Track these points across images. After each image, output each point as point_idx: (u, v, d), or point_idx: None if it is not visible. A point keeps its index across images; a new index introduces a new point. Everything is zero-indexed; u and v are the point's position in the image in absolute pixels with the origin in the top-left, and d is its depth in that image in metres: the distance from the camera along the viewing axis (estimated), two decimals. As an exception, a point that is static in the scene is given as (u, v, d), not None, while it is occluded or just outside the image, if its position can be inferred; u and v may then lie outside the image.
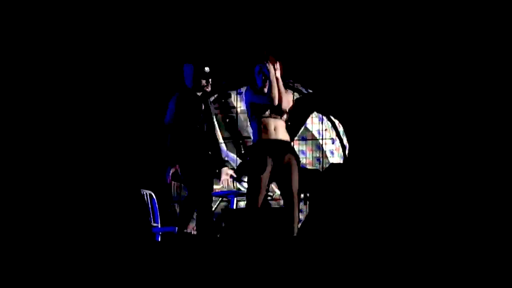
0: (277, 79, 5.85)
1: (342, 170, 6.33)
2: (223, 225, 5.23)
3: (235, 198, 7.25)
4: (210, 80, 6.00)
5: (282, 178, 5.82)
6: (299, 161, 5.90)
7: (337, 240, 5.01)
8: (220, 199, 7.75)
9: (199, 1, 7.98)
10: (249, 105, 5.95)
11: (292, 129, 6.16)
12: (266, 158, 5.75)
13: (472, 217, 6.28)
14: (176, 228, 5.96)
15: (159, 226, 7.21)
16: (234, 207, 7.18)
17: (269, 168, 5.75)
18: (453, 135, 7.22)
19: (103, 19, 7.98)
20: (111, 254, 4.82)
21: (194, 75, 5.95)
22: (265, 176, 5.75)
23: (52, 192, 7.60)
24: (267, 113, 5.87)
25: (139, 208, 6.04)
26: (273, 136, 5.83)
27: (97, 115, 8.01)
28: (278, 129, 5.87)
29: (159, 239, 7.11)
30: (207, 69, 5.97)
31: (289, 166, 5.79)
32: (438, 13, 7.34)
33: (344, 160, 8.33)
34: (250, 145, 5.97)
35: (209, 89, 6.03)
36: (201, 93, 6.00)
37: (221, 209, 7.54)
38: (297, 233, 5.68)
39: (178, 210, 8.41)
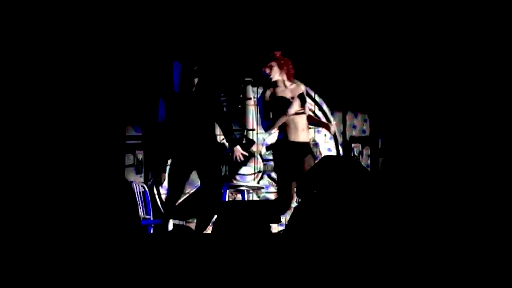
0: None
1: (335, 162, 6.31)
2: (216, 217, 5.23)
3: (228, 191, 7.27)
4: (195, 80, 5.81)
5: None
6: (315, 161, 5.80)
7: (326, 234, 5.01)
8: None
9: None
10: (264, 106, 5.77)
11: None
12: (291, 160, 5.64)
13: (463, 213, 6.30)
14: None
15: (151, 219, 7.21)
16: (226, 199, 7.19)
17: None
18: (442, 129, 7.23)
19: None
20: (102, 247, 4.82)
21: (182, 73, 5.78)
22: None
23: (41, 186, 7.59)
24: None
25: (130, 201, 6.01)
26: (298, 137, 5.69)
27: (86, 108, 8.00)
28: (303, 128, 5.71)
29: (151, 231, 7.13)
30: (195, 68, 5.81)
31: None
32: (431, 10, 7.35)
33: (337, 149, 8.31)
34: (274, 144, 5.83)
35: (194, 89, 5.81)
36: (186, 95, 5.84)
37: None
38: (285, 226, 5.67)
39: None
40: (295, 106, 5.66)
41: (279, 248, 4.67)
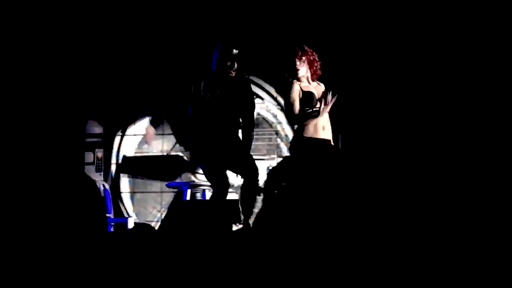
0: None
1: (296, 162, 6.31)
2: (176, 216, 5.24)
3: (189, 190, 7.28)
4: (235, 64, 5.61)
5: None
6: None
7: (288, 235, 5.03)
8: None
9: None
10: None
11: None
12: (310, 158, 5.53)
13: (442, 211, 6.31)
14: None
15: (112, 217, 7.21)
16: (187, 198, 7.20)
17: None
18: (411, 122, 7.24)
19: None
20: (67, 245, 4.81)
21: (220, 55, 5.60)
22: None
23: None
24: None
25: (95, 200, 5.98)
26: (318, 135, 5.58)
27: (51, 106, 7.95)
28: (323, 126, 5.62)
29: (112, 230, 7.12)
30: (235, 51, 5.61)
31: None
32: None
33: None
34: (293, 142, 5.65)
35: (233, 74, 5.64)
36: (223, 78, 5.62)
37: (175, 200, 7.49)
38: (247, 227, 5.67)
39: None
40: (325, 108, 5.63)
41: (239, 247, 4.70)
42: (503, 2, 7.06)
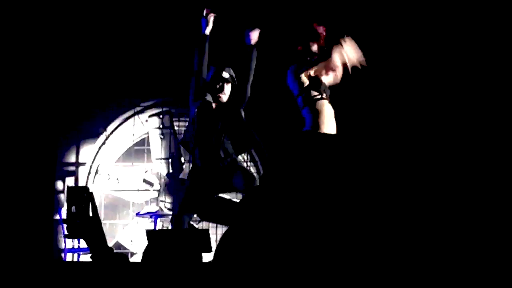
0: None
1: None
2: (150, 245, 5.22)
3: (158, 219, 7.27)
4: (225, 86, 5.26)
5: None
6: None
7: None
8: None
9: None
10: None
11: None
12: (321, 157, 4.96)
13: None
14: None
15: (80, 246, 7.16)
16: (157, 228, 7.19)
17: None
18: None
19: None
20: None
21: (211, 77, 5.28)
22: None
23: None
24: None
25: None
26: (329, 128, 5.00)
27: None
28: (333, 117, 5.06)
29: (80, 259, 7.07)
30: (225, 74, 5.29)
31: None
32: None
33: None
34: (300, 136, 5.10)
35: (223, 99, 5.27)
36: (216, 102, 5.29)
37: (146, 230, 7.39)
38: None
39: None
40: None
41: (210, 278, 4.70)
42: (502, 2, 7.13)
